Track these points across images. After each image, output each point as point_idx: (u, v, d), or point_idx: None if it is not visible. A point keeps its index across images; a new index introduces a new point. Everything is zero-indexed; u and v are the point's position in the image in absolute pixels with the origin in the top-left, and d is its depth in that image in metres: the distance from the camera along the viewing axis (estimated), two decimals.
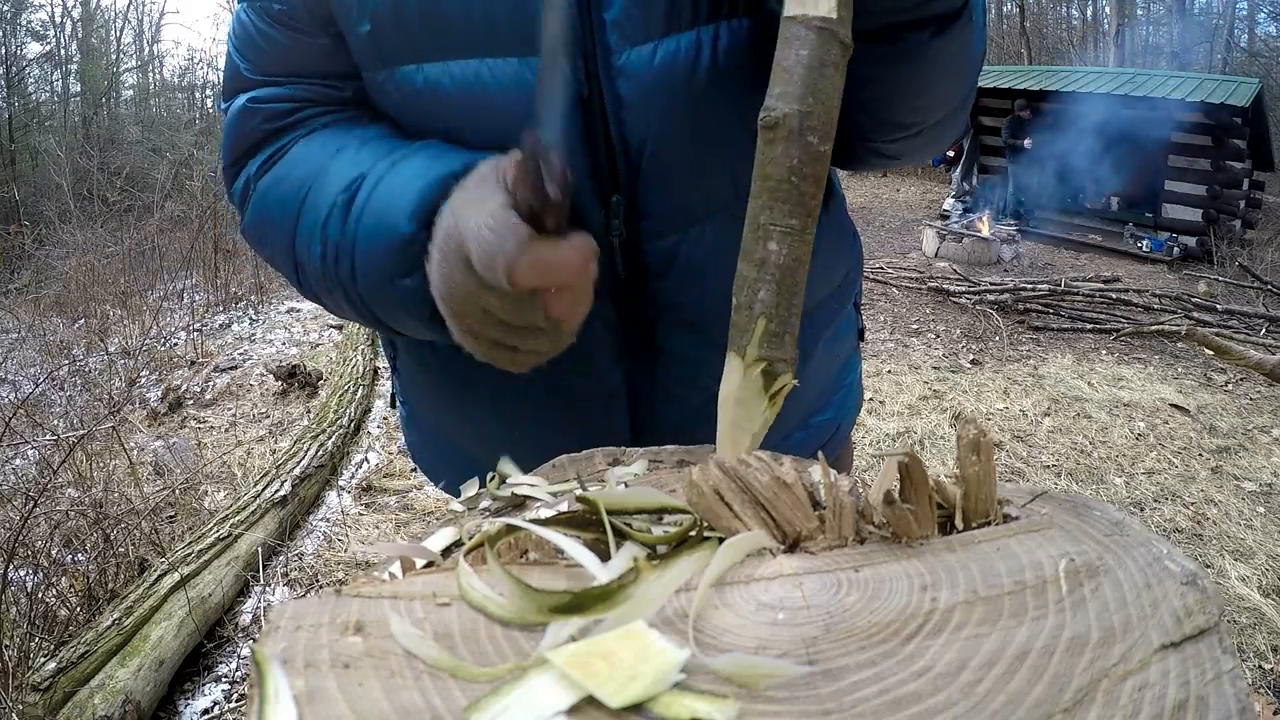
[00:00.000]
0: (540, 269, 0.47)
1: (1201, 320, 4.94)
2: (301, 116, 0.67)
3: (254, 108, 0.67)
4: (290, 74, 0.67)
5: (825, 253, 0.77)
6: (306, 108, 0.67)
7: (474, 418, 0.79)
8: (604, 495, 0.36)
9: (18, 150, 9.89)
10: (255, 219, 0.68)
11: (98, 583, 2.23)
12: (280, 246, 0.65)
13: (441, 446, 0.88)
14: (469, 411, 0.79)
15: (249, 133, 0.67)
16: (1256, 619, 2.29)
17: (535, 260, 0.47)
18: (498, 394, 0.74)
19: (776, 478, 0.36)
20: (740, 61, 0.62)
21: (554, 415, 0.74)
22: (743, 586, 0.31)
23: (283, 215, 0.64)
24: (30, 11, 11.97)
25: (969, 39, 0.59)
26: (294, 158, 0.66)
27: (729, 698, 0.25)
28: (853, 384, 0.89)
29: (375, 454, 3.36)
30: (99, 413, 3.56)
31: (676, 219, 0.67)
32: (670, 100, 0.62)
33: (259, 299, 6.15)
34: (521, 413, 0.75)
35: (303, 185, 0.63)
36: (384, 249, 0.57)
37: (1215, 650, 0.28)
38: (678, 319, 0.69)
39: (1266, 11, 16.71)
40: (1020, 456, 3.33)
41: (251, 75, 0.67)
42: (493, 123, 0.61)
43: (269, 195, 0.66)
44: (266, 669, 0.26)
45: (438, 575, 0.33)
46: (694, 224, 0.67)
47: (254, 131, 0.67)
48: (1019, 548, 0.34)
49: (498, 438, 0.78)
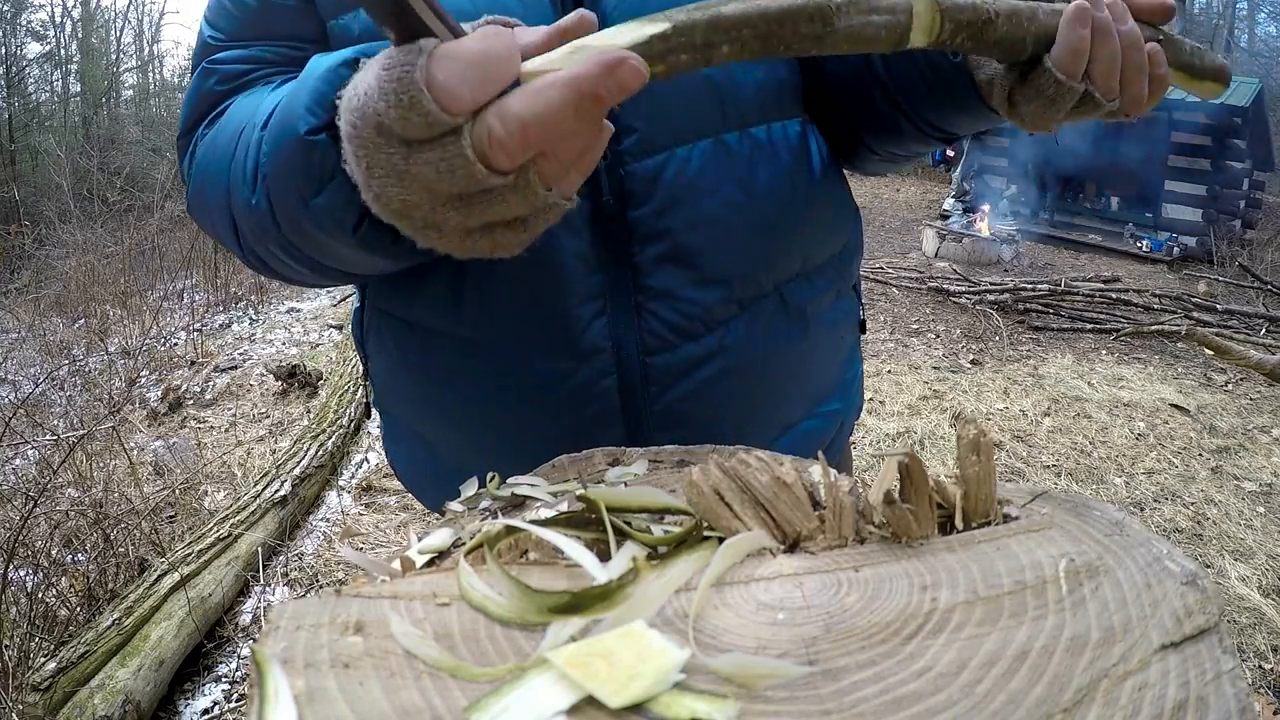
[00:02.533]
0: (474, 76, 0.37)
1: (1201, 320, 4.94)
2: (256, 77, 0.64)
3: (210, 68, 0.64)
4: (256, 37, 0.65)
5: (824, 217, 0.76)
6: (264, 69, 0.64)
7: (454, 415, 0.74)
8: (604, 494, 0.36)
9: (18, 150, 9.89)
10: (195, 184, 0.61)
11: (98, 583, 2.23)
12: (218, 204, 0.57)
13: (424, 455, 0.81)
14: (448, 409, 0.74)
15: (205, 95, 0.64)
16: (1256, 619, 2.29)
17: (462, 73, 0.36)
18: (475, 380, 0.70)
19: (776, 478, 0.36)
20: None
21: (538, 397, 0.69)
22: (743, 586, 0.31)
23: (218, 169, 0.57)
24: (30, 11, 11.97)
25: None
26: (234, 109, 0.60)
27: (729, 698, 0.25)
28: (855, 379, 0.88)
29: (375, 454, 3.36)
30: (99, 413, 3.57)
31: (661, 138, 0.65)
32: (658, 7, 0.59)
33: (259, 299, 6.15)
34: (503, 401, 0.70)
35: (236, 130, 0.56)
36: (287, 164, 0.47)
37: (1215, 650, 0.28)
38: (663, 251, 0.66)
39: (1266, 11, 16.71)
40: (1020, 456, 3.33)
41: (216, 43, 0.65)
42: None
43: (206, 152, 0.60)
44: (266, 669, 0.26)
45: (438, 575, 0.33)
46: (680, 144, 0.65)
47: (209, 94, 0.64)
48: (1019, 548, 0.34)
49: (481, 436, 0.73)
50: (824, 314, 0.78)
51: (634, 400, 0.69)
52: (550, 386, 0.68)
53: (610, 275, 0.66)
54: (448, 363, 0.71)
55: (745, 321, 0.70)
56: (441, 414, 0.75)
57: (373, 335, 0.77)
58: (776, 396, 0.76)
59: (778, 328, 0.73)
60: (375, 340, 0.77)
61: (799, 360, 0.76)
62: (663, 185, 0.65)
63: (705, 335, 0.69)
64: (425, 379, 0.74)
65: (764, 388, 0.73)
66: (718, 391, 0.70)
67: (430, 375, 0.73)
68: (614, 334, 0.67)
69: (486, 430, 0.73)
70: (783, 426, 0.77)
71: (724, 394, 0.71)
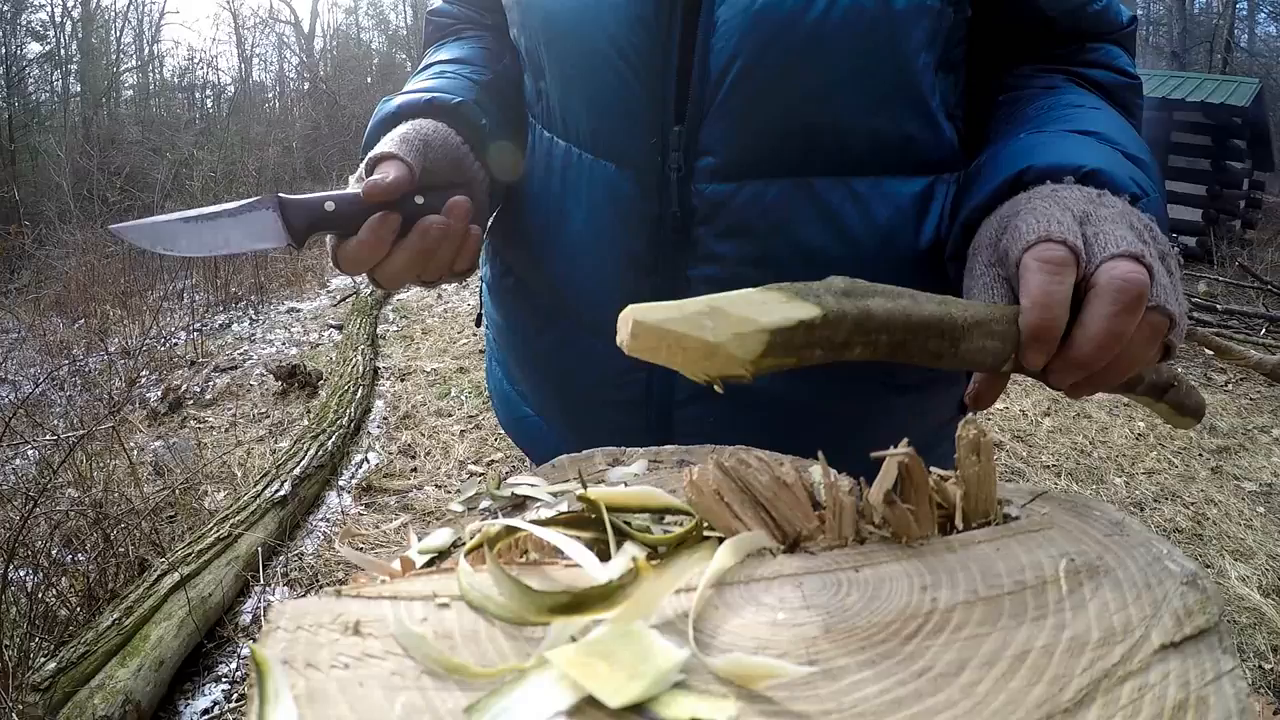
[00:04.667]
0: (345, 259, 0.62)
1: (1201, 320, 4.94)
2: (454, 29, 0.85)
3: (430, 18, 0.88)
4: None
5: (908, 284, 0.70)
6: (459, 25, 0.85)
7: (518, 355, 0.85)
8: (604, 494, 0.36)
9: (18, 150, 9.88)
10: None
11: (98, 583, 2.22)
12: None
13: (501, 376, 0.92)
14: (517, 349, 0.85)
15: (428, 36, 0.88)
16: (1256, 619, 2.28)
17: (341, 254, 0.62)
18: (539, 335, 0.79)
19: (776, 478, 0.36)
20: (856, 24, 0.58)
21: (581, 369, 0.75)
22: (743, 586, 0.31)
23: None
24: (30, 11, 11.97)
25: None
26: (424, 60, 0.83)
27: (729, 698, 0.25)
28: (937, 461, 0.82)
29: (375, 454, 3.36)
30: (99, 413, 3.56)
31: (739, 168, 0.63)
32: (768, 36, 0.58)
33: (259, 299, 6.15)
34: (559, 361, 0.77)
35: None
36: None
37: (1215, 650, 0.28)
38: (716, 274, 0.65)
39: (1266, 11, 16.72)
40: (1020, 456, 3.33)
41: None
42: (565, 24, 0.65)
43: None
44: (267, 669, 0.26)
45: (438, 575, 0.33)
46: (757, 178, 0.63)
47: (429, 36, 0.87)
48: (1019, 548, 0.34)
49: (541, 385, 0.84)
50: (901, 380, 0.71)
51: (662, 400, 0.71)
52: (592, 363, 0.73)
53: (661, 282, 0.67)
54: (523, 311, 0.81)
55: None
56: (513, 350, 0.86)
57: (487, 264, 0.89)
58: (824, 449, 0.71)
59: (836, 382, 0.67)
60: (488, 269, 0.88)
61: (865, 420, 0.71)
62: (731, 211, 0.64)
63: None
64: (506, 316, 0.85)
65: (809, 437, 0.68)
66: (746, 423, 0.69)
67: (509, 316, 0.84)
68: None
69: (543, 381, 0.83)
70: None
71: (753, 428, 0.68)
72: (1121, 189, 0.52)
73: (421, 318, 5.49)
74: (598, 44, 0.62)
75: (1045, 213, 0.47)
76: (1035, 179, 0.53)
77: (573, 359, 0.76)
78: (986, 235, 0.53)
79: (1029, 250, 0.46)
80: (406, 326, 5.34)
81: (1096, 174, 0.52)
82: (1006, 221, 0.51)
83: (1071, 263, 0.44)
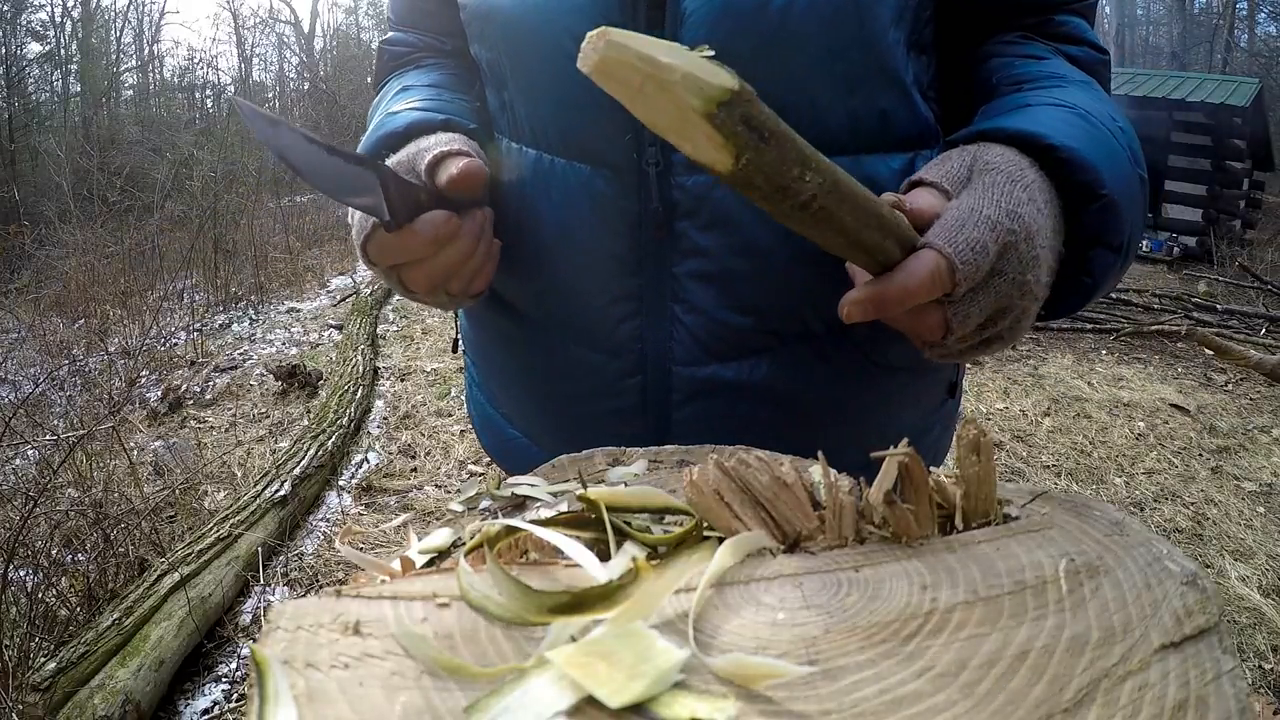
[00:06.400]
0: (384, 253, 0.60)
1: (1201, 320, 4.94)
2: (411, 59, 0.83)
3: (384, 48, 0.85)
4: (412, 25, 0.83)
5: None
6: (418, 54, 0.83)
7: (503, 374, 0.84)
8: (604, 494, 0.36)
9: (18, 150, 9.87)
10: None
11: (98, 583, 2.22)
12: None
13: (484, 400, 0.90)
14: (500, 367, 0.84)
15: (381, 66, 0.86)
16: (1256, 619, 2.29)
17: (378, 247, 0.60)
18: (524, 349, 0.78)
19: (776, 478, 0.36)
20: (823, 6, 0.58)
21: (571, 379, 0.73)
22: (743, 586, 0.31)
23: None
24: (30, 11, 11.97)
25: None
26: (383, 90, 0.82)
27: (729, 698, 0.25)
28: (932, 449, 0.82)
29: (375, 454, 3.36)
30: (99, 413, 3.56)
31: None
32: (737, 24, 0.59)
33: (259, 299, 6.15)
34: (546, 374, 0.76)
35: (372, 114, 0.77)
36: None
37: (1215, 650, 0.28)
38: (702, 268, 0.65)
39: (1266, 11, 16.72)
40: (1020, 456, 3.33)
41: (391, 21, 0.86)
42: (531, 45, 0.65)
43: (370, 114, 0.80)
44: (267, 669, 0.26)
45: (438, 575, 0.33)
46: None
47: (383, 66, 0.85)
48: (1019, 548, 0.34)
49: (525, 402, 0.82)
50: (897, 361, 0.71)
51: (659, 404, 0.70)
52: (582, 373, 0.72)
53: (647, 280, 0.67)
54: (504, 328, 0.79)
55: (785, 355, 0.68)
56: (495, 370, 0.85)
57: None
58: (820, 438, 0.71)
59: (826, 367, 0.68)
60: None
61: (858, 406, 0.72)
62: (711, 203, 0.63)
63: (736, 360, 0.68)
64: (486, 335, 0.83)
65: (806, 426, 0.70)
66: (743, 417, 0.69)
67: (490, 334, 0.82)
68: (643, 337, 0.68)
69: (530, 398, 0.81)
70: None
71: (751, 421, 0.69)
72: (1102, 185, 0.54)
73: (421, 318, 5.49)
74: (563, 45, 0.61)
75: (986, 217, 0.49)
76: (1020, 144, 0.55)
77: (561, 371, 0.74)
78: (959, 163, 0.55)
79: (950, 239, 0.47)
80: (406, 326, 5.34)
81: (1071, 155, 0.54)
82: (971, 174, 0.53)
83: (949, 285, 0.47)
